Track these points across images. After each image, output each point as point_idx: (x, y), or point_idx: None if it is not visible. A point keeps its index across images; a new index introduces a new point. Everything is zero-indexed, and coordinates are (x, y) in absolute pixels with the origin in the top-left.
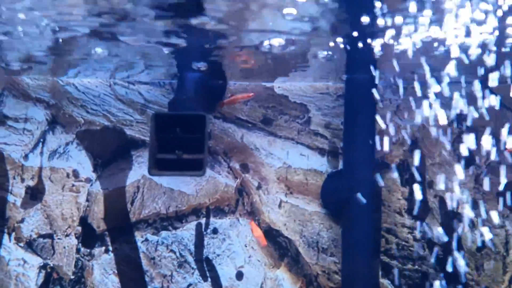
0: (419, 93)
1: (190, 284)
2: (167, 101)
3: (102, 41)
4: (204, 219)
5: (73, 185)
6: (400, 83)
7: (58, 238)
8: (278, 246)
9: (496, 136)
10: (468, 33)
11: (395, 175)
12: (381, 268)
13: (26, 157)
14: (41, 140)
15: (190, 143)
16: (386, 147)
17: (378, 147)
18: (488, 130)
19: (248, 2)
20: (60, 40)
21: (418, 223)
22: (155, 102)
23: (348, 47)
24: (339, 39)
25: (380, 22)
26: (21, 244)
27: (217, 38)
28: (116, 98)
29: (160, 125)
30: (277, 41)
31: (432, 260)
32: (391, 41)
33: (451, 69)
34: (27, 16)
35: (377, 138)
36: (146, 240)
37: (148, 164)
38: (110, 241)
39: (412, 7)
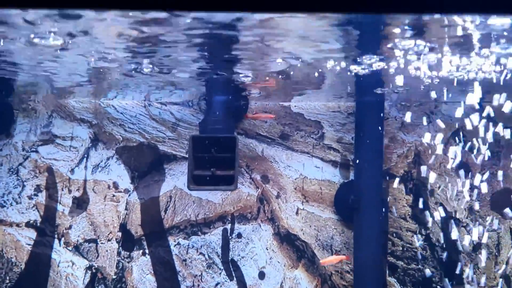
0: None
1: (218, 283)
2: (195, 119)
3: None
4: (230, 225)
5: (113, 196)
6: (404, 102)
7: (101, 243)
8: (296, 249)
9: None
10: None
11: (400, 184)
12: (388, 268)
13: (72, 171)
14: (85, 155)
15: (222, 161)
16: (392, 160)
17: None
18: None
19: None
20: (100, 69)
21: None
22: (185, 121)
23: (359, 71)
24: (352, 66)
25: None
26: (70, 248)
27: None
28: (150, 118)
29: (197, 145)
30: (295, 65)
31: (434, 260)
32: (395, 66)
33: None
34: (71, 51)
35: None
36: (178, 244)
37: (187, 180)
38: (146, 245)
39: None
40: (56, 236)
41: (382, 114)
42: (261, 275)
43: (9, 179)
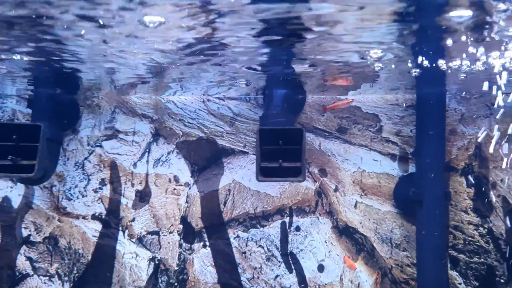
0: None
1: (277, 275)
2: (253, 114)
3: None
4: (288, 218)
5: (174, 189)
6: (464, 94)
7: (163, 235)
8: (355, 242)
9: None
10: None
11: (461, 177)
12: (450, 261)
13: (135, 165)
14: (147, 150)
15: (289, 153)
16: (452, 152)
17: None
18: None
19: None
20: (161, 66)
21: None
22: (242, 115)
23: (419, 64)
24: (410, 61)
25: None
26: (133, 240)
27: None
28: (209, 113)
29: (264, 138)
30: (354, 59)
31: (497, 253)
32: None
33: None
34: (136, 48)
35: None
36: (238, 236)
37: (256, 172)
38: (207, 237)
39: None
40: (120, 228)
41: (443, 106)
42: (320, 268)
43: (75, 173)
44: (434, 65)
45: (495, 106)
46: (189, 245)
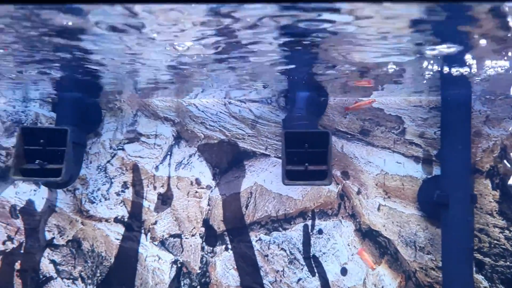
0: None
1: (300, 279)
2: (274, 116)
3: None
4: (310, 221)
5: (196, 192)
6: (488, 95)
7: (186, 238)
8: (378, 245)
9: None
10: None
11: (486, 180)
12: (475, 265)
13: (157, 168)
14: (169, 153)
15: (315, 156)
16: (476, 155)
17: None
18: None
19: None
20: (182, 69)
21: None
22: (264, 118)
23: (443, 66)
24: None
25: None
26: (156, 243)
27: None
28: (230, 115)
29: (289, 141)
30: (376, 61)
31: None
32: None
33: None
34: (154, 50)
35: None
36: (260, 239)
37: (281, 175)
38: (229, 240)
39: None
40: (142, 231)
41: (469, 108)
42: (344, 271)
43: (98, 176)
44: (459, 67)
45: None
46: (211, 248)
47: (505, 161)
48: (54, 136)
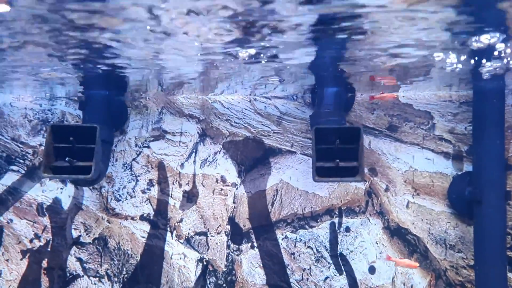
0: None
1: (327, 277)
2: (300, 112)
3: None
4: (337, 218)
5: (221, 189)
6: None
7: (211, 235)
8: (407, 243)
9: None
10: None
11: None
12: (508, 263)
13: (182, 165)
14: (194, 150)
15: (346, 153)
16: (509, 150)
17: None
18: None
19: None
20: (207, 65)
21: None
22: (289, 114)
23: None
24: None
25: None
26: (181, 241)
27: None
28: (255, 112)
29: (320, 137)
30: (406, 54)
31: None
32: None
33: None
34: (179, 48)
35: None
36: (286, 237)
37: (312, 172)
38: (254, 238)
39: None
40: (168, 229)
41: (503, 102)
42: (372, 270)
43: (123, 174)
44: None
45: None
46: (237, 246)
47: None
48: (83, 133)
